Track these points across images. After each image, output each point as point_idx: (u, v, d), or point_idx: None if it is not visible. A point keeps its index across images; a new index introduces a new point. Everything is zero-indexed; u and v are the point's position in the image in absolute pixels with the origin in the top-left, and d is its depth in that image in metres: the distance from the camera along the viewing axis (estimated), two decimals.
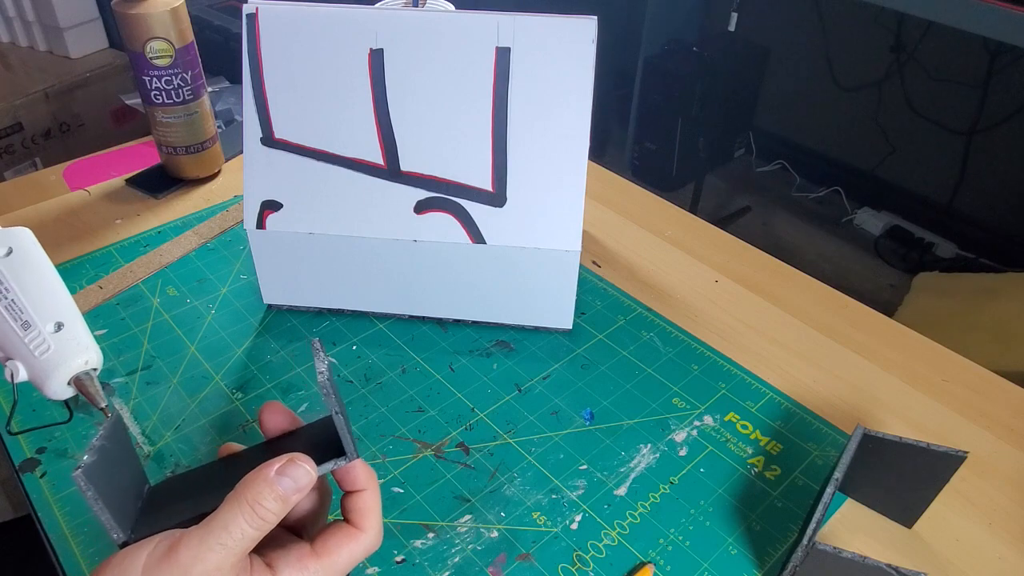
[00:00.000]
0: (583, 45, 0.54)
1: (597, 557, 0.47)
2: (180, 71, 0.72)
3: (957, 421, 0.57)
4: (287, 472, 0.32)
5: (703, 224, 0.77)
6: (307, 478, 0.32)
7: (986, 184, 1.92)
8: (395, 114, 0.56)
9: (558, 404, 0.56)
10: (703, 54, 2.04)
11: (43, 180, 0.82)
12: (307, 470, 0.32)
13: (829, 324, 0.65)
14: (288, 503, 0.32)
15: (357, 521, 0.35)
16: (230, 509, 0.31)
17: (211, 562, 0.30)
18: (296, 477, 0.32)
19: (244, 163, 0.58)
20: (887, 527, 0.50)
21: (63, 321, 0.40)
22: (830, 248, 2.06)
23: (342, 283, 0.61)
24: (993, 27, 1.27)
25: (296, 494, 0.32)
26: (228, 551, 0.30)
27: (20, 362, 0.40)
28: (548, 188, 0.56)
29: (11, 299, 0.39)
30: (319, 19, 0.56)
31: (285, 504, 0.32)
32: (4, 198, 0.78)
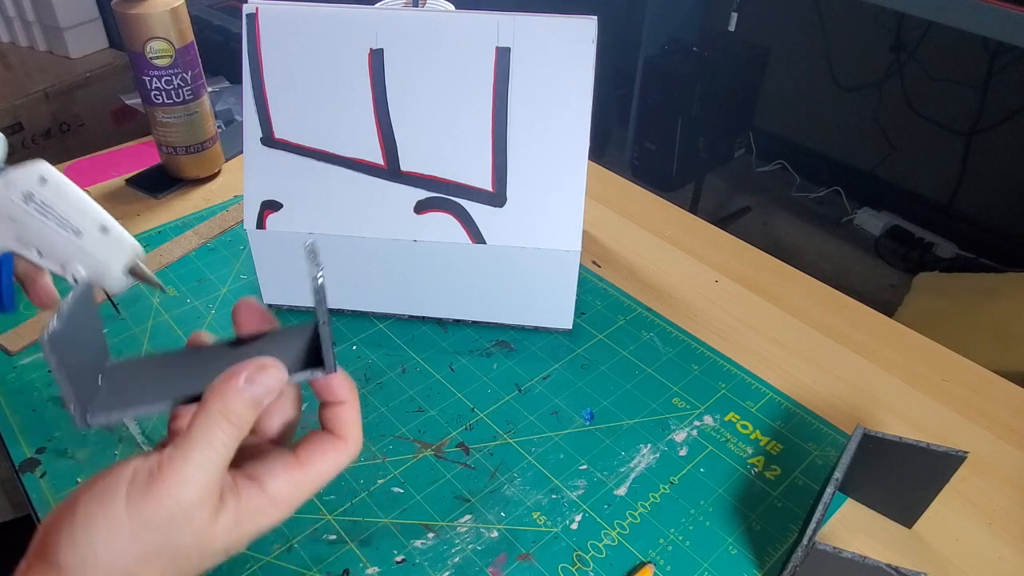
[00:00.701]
0: (583, 45, 0.54)
1: (597, 557, 0.47)
2: (180, 71, 0.72)
3: (957, 421, 0.57)
4: (256, 380, 0.31)
5: (703, 224, 0.77)
6: (277, 384, 0.32)
7: (986, 184, 1.92)
8: (395, 114, 0.56)
9: (558, 404, 0.56)
10: (703, 54, 2.04)
11: None
12: (277, 376, 0.32)
13: (829, 324, 0.65)
14: (259, 407, 0.31)
15: (339, 431, 0.34)
16: (205, 422, 0.30)
17: (195, 481, 0.30)
18: (266, 384, 0.32)
19: (244, 163, 0.58)
20: (887, 527, 0.50)
21: (105, 224, 0.46)
22: (830, 248, 2.06)
23: (342, 283, 0.61)
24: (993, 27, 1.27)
25: (267, 397, 0.32)
26: (211, 466, 0.30)
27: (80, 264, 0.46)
28: (548, 188, 0.56)
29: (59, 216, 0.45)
30: (319, 19, 0.56)
31: (256, 409, 0.31)
32: None
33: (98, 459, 0.51)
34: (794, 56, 2.14)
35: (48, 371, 0.57)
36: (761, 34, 2.12)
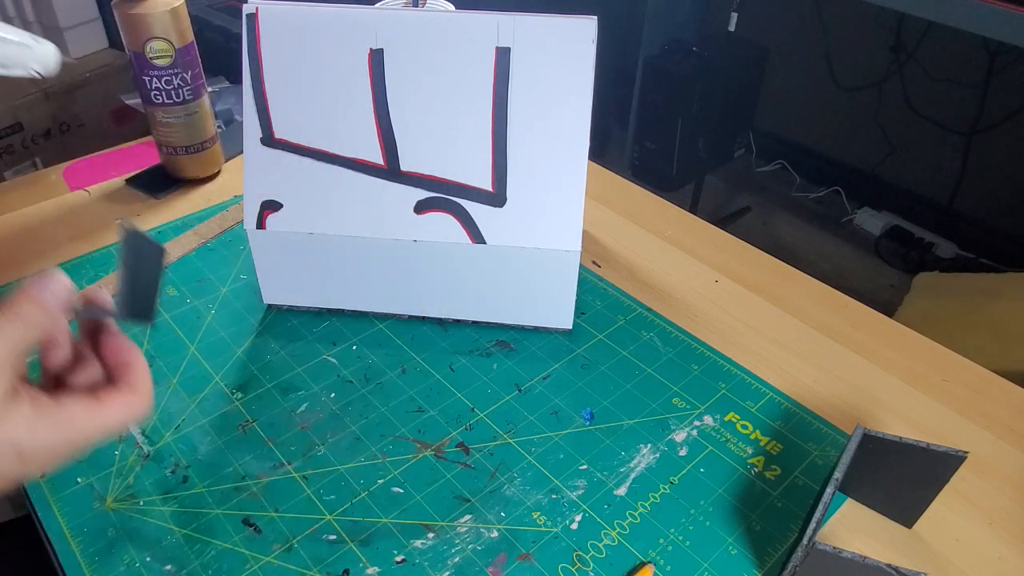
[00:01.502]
0: (583, 45, 0.54)
1: (597, 557, 0.47)
2: (180, 71, 0.72)
3: (957, 421, 0.57)
4: (38, 282, 0.36)
5: (703, 224, 0.77)
6: (59, 284, 0.36)
7: (986, 184, 1.92)
8: (395, 114, 0.56)
9: (558, 404, 0.56)
10: (703, 54, 2.04)
11: (43, 180, 0.82)
12: (58, 279, 0.36)
13: (829, 324, 0.65)
14: (43, 305, 0.35)
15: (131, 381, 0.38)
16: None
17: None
18: (46, 285, 0.36)
19: (244, 163, 0.58)
20: (887, 527, 0.50)
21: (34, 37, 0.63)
22: (830, 248, 2.06)
23: (342, 283, 0.61)
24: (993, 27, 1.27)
25: (51, 298, 0.36)
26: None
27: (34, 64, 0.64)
28: (548, 188, 0.56)
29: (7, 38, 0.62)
30: (319, 19, 0.56)
31: (40, 307, 0.35)
32: (4, 198, 0.78)
33: (98, 458, 0.51)
34: (794, 56, 2.14)
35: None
36: (761, 34, 2.12)
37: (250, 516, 0.48)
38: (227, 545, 0.47)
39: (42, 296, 0.36)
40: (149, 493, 0.49)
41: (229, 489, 0.50)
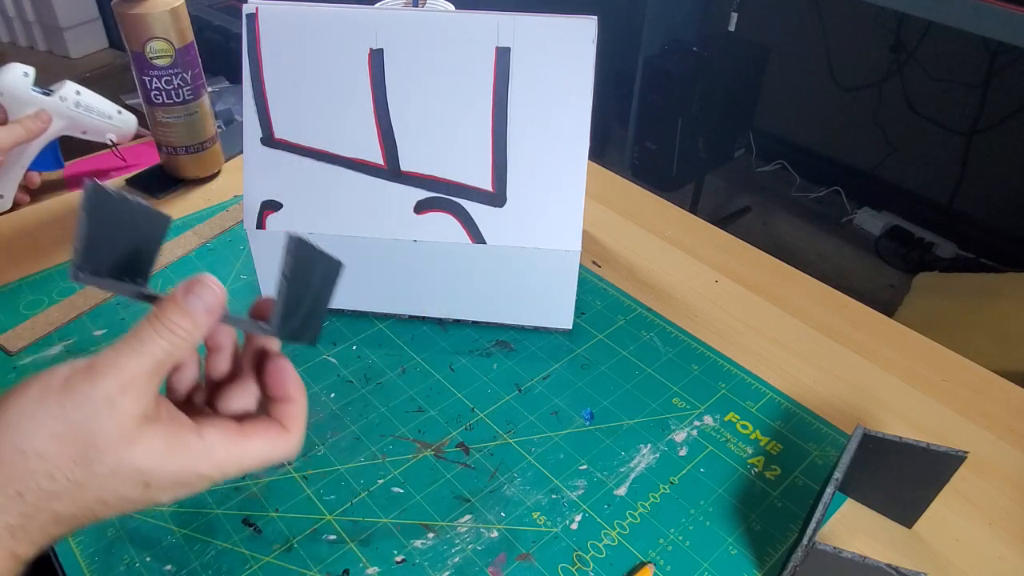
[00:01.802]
0: (583, 45, 0.54)
1: (597, 557, 0.47)
2: (180, 71, 0.72)
3: (957, 421, 0.57)
4: (193, 291, 0.33)
5: (703, 224, 0.77)
6: (212, 296, 0.33)
7: (986, 184, 1.92)
8: (395, 114, 0.56)
9: (558, 404, 0.56)
10: (703, 54, 2.04)
11: (43, 180, 0.82)
12: (213, 289, 0.33)
13: (829, 324, 0.65)
14: (196, 320, 0.33)
15: (286, 422, 0.36)
16: (142, 324, 0.32)
17: (125, 369, 0.31)
18: (201, 295, 0.33)
19: (244, 163, 0.58)
20: (887, 527, 0.50)
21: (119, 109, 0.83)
22: (830, 248, 2.06)
23: (342, 283, 0.61)
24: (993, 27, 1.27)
25: (205, 314, 0.33)
26: (140, 358, 0.31)
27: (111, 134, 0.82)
28: (548, 188, 0.56)
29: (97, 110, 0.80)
30: (319, 19, 0.56)
31: (193, 321, 0.33)
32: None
33: None
34: (794, 56, 2.14)
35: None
36: (761, 34, 2.12)
37: (250, 516, 0.48)
38: (227, 545, 0.47)
39: (194, 307, 0.33)
40: None
41: (229, 489, 0.50)
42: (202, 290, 0.33)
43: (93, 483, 0.31)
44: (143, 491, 0.32)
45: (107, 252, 0.35)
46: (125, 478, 0.31)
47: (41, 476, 0.30)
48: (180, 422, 0.33)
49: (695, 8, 2.21)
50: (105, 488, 0.31)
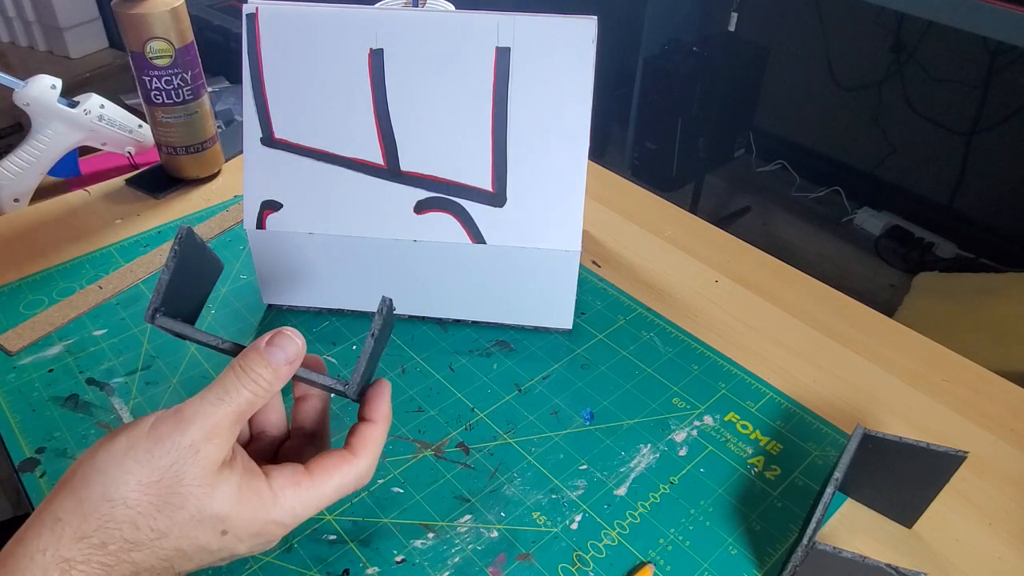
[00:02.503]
0: (583, 45, 0.54)
1: (597, 557, 0.47)
2: (180, 71, 0.72)
3: (957, 421, 0.57)
4: (275, 343, 0.35)
5: (703, 224, 0.77)
6: (294, 348, 0.35)
7: (986, 184, 1.92)
8: (395, 114, 0.56)
9: (558, 404, 0.56)
10: (703, 54, 2.04)
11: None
12: (295, 341, 0.35)
13: (829, 324, 0.65)
14: (278, 371, 0.34)
15: (355, 448, 0.37)
16: (226, 374, 0.34)
17: (210, 417, 0.33)
18: (283, 346, 0.35)
19: (244, 163, 0.58)
20: (887, 527, 0.50)
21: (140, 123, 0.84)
22: (830, 248, 2.06)
23: (342, 283, 0.61)
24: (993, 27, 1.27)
25: (287, 366, 0.35)
26: (225, 407, 0.33)
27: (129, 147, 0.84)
28: (548, 188, 0.56)
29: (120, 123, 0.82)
30: (319, 19, 0.56)
31: (275, 372, 0.34)
32: None
33: None
34: (794, 56, 2.14)
35: (48, 371, 0.57)
36: (761, 34, 2.12)
37: None
38: None
39: (277, 360, 0.34)
40: None
41: None
42: (284, 341, 0.35)
43: (174, 531, 0.32)
44: (220, 539, 0.33)
45: (179, 294, 0.38)
46: (205, 525, 0.32)
47: (126, 525, 0.31)
48: (252, 469, 0.34)
49: (695, 8, 2.21)
50: (185, 536, 0.32)
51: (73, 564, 0.30)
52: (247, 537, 0.34)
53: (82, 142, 0.80)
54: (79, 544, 0.31)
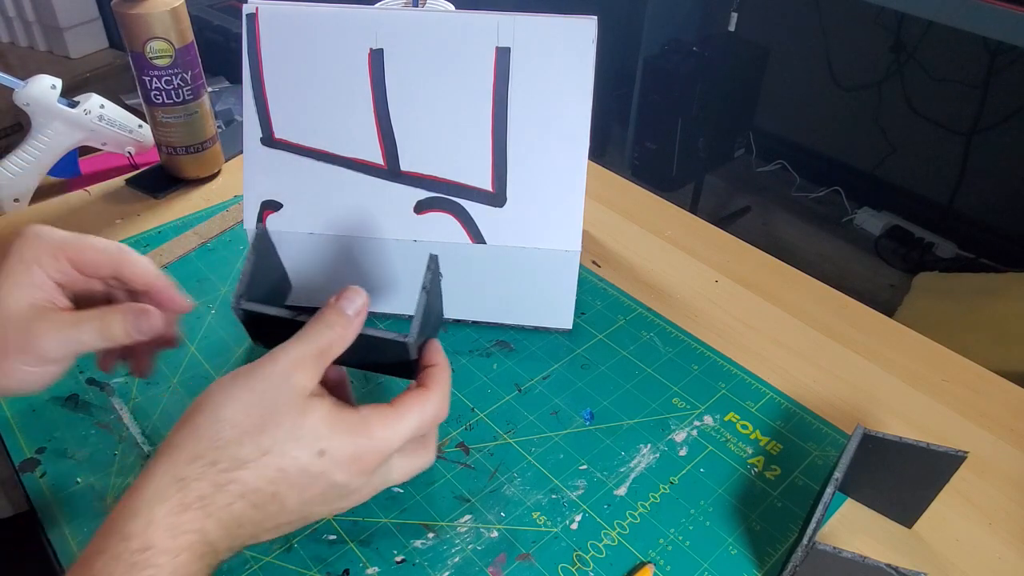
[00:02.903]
0: (583, 45, 0.54)
1: (597, 557, 0.47)
2: (180, 71, 0.72)
3: (957, 421, 0.57)
4: (344, 297, 0.41)
5: (703, 224, 0.77)
6: (360, 300, 0.41)
7: (986, 184, 1.92)
8: (395, 114, 0.56)
9: (558, 404, 0.56)
10: (703, 54, 2.04)
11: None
12: (361, 295, 0.41)
13: (829, 324, 0.65)
14: (349, 319, 0.40)
15: (428, 384, 0.42)
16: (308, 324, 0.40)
17: (296, 352, 0.38)
18: (352, 299, 0.41)
19: (244, 163, 0.58)
20: (887, 527, 0.50)
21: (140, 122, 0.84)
22: (830, 248, 2.06)
23: (342, 283, 0.61)
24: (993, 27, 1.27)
25: (355, 316, 0.41)
26: (308, 345, 0.39)
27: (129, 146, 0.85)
28: (548, 188, 0.56)
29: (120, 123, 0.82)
30: (319, 19, 0.56)
31: (347, 320, 0.40)
32: None
33: (98, 459, 0.51)
34: (794, 56, 2.14)
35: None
36: (761, 34, 2.12)
37: None
38: None
39: (348, 310, 0.40)
40: None
41: None
42: (352, 295, 0.41)
43: (275, 448, 0.36)
44: (320, 461, 0.37)
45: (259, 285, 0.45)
46: (302, 443, 0.36)
47: (232, 443, 0.35)
48: (340, 403, 0.39)
49: (695, 8, 2.21)
50: (285, 454, 0.36)
51: (187, 482, 0.34)
52: (345, 462, 0.37)
53: (82, 142, 0.80)
54: (193, 464, 0.35)
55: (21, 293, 0.41)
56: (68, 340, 0.41)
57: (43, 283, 0.42)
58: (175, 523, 0.33)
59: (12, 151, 0.80)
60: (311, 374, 0.38)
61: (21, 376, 0.41)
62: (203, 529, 0.34)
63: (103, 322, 0.41)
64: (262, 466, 0.36)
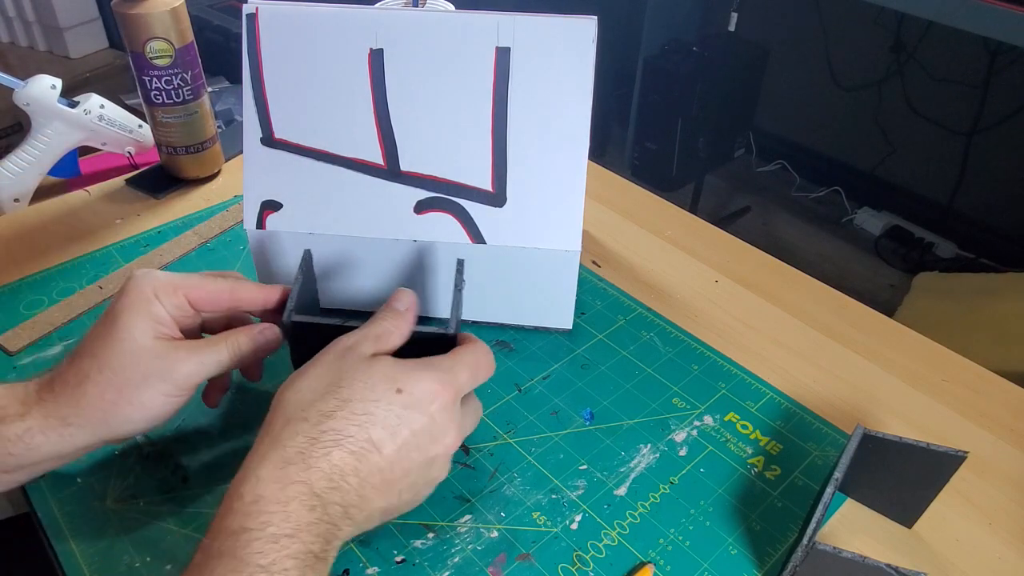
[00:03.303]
0: (583, 45, 0.54)
1: (597, 557, 0.47)
2: (180, 71, 0.72)
3: (957, 421, 0.57)
4: (395, 298, 0.47)
5: (703, 224, 0.77)
6: (409, 298, 0.47)
7: (986, 184, 1.92)
8: (395, 114, 0.56)
9: (558, 404, 0.56)
10: (703, 54, 2.04)
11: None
12: (409, 295, 0.47)
13: (829, 324, 0.65)
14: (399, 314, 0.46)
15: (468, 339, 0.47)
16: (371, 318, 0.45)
17: (353, 336, 0.44)
18: (400, 299, 0.46)
19: (244, 163, 0.58)
20: (887, 527, 0.50)
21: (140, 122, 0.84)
22: (830, 248, 2.06)
23: (342, 283, 0.61)
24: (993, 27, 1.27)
25: (407, 311, 0.46)
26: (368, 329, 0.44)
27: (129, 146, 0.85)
28: (548, 188, 0.56)
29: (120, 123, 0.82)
30: (319, 19, 0.56)
31: (399, 315, 0.45)
32: None
33: (98, 459, 0.51)
34: (794, 56, 2.14)
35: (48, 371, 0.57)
36: (761, 34, 2.12)
37: None
38: None
39: (399, 306, 0.46)
40: (149, 493, 0.49)
41: None
42: (400, 295, 0.47)
43: (355, 396, 0.40)
44: (400, 397, 0.41)
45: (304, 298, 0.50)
46: (378, 387, 0.41)
47: (316, 401, 0.40)
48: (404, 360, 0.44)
49: (695, 8, 2.21)
50: (365, 398, 0.40)
51: (284, 442, 0.38)
52: (423, 397, 0.41)
53: (82, 142, 0.80)
54: (286, 428, 0.39)
55: (146, 327, 0.45)
56: (205, 363, 0.45)
57: (163, 318, 0.46)
58: (280, 476, 0.37)
59: (12, 151, 0.80)
60: (370, 348, 0.43)
61: (160, 403, 0.44)
62: (307, 480, 0.37)
63: (234, 342, 0.47)
64: (348, 412, 0.39)
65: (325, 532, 0.37)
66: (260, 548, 0.34)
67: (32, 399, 0.43)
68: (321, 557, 0.36)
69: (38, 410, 0.43)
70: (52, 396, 0.43)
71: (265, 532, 0.35)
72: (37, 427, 0.43)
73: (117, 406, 0.43)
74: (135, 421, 0.44)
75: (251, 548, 0.34)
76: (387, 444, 0.40)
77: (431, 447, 0.41)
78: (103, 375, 0.43)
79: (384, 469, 0.40)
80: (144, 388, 0.44)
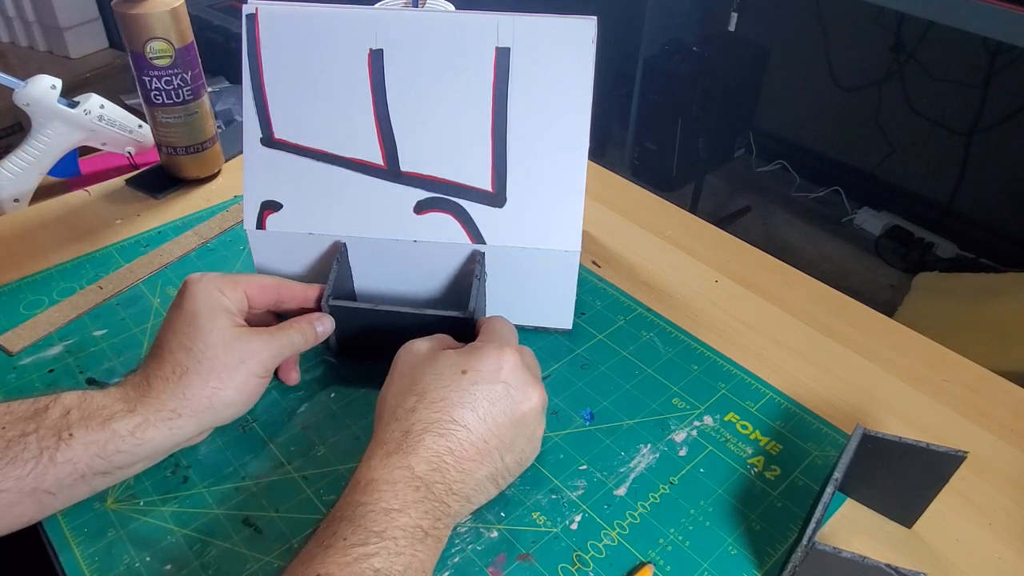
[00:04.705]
0: (583, 45, 0.54)
1: (597, 557, 0.47)
2: (180, 71, 0.72)
3: (957, 421, 0.57)
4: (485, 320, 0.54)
5: (703, 224, 0.77)
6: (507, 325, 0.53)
7: (986, 184, 1.92)
8: (395, 114, 0.56)
9: (558, 404, 0.56)
10: (703, 54, 2.04)
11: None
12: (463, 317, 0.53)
13: (829, 324, 0.65)
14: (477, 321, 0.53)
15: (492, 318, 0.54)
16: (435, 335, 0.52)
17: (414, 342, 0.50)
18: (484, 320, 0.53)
19: (244, 163, 0.58)
20: (887, 527, 0.50)
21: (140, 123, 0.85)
22: (830, 248, 2.06)
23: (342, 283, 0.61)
24: (993, 27, 1.27)
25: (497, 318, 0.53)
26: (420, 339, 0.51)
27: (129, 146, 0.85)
28: (548, 188, 0.56)
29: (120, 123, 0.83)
30: (319, 19, 0.56)
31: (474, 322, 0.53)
32: None
33: None
34: (794, 56, 2.14)
35: (49, 371, 0.58)
36: (761, 34, 2.12)
37: (250, 516, 0.48)
38: (227, 545, 0.47)
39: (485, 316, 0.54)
40: (149, 493, 0.49)
41: (229, 489, 0.50)
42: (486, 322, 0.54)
43: (428, 388, 0.45)
44: (466, 376, 0.46)
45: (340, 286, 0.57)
46: (444, 374, 0.46)
47: (400, 403, 0.45)
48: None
49: (695, 8, 2.21)
50: (436, 386, 0.45)
51: (385, 439, 0.44)
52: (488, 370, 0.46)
53: (82, 142, 0.81)
54: (385, 430, 0.45)
55: (226, 319, 0.49)
56: (284, 344, 0.51)
57: (233, 310, 0.50)
58: (386, 463, 0.42)
59: (12, 151, 0.80)
60: (430, 348, 0.49)
61: (254, 385, 0.49)
62: (409, 465, 0.42)
63: (302, 328, 0.52)
64: (426, 403, 0.45)
65: (433, 510, 0.42)
66: (374, 518, 0.40)
67: (133, 396, 0.46)
68: (431, 533, 0.41)
69: (146, 405, 0.46)
70: (154, 392, 0.47)
71: (378, 506, 0.40)
72: (149, 421, 0.46)
73: (220, 391, 0.48)
74: (235, 404, 0.49)
75: (368, 518, 0.40)
76: (470, 419, 0.44)
77: (516, 408, 0.46)
78: (203, 365, 0.47)
79: (476, 442, 0.44)
80: (240, 371, 0.48)
